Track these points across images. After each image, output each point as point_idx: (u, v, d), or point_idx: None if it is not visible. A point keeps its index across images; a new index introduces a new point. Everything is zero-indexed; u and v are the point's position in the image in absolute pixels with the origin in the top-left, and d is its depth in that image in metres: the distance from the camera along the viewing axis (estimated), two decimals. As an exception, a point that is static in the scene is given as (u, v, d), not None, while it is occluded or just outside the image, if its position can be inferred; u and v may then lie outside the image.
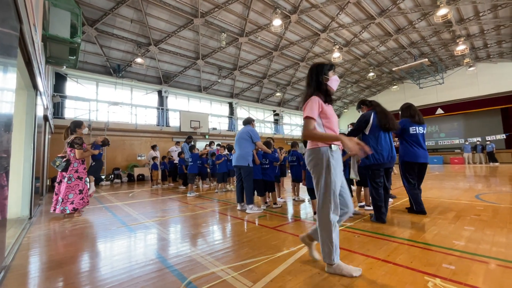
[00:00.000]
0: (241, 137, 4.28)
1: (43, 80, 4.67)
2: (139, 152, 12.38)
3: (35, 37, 3.08)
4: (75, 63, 6.24)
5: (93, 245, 2.72)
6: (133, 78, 12.72)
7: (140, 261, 2.22)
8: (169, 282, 1.81)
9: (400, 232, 2.79)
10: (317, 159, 1.86)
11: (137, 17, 9.82)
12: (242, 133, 4.31)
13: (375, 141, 3.18)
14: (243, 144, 4.23)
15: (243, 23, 11.14)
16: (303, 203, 4.84)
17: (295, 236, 2.79)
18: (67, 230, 3.36)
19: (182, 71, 13.46)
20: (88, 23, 9.37)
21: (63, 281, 1.88)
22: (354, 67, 16.66)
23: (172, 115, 14.19)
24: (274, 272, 1.89)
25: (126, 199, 6.04)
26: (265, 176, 4.42)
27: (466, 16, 11.06)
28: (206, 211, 4.34)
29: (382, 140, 3.18)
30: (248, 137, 4.22)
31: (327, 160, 1.83)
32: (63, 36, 4.84)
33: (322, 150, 1.85)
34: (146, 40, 11.01)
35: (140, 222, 3.67)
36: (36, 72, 3.65)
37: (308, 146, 1.97)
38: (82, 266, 2.19)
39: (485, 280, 1.68)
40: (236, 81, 15.85)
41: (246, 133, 4.25)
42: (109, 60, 11.53)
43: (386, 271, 1.86)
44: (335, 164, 1.85)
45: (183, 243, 2.68)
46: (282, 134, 19.63)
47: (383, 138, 3.20)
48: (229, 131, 16.48)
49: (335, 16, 11.01)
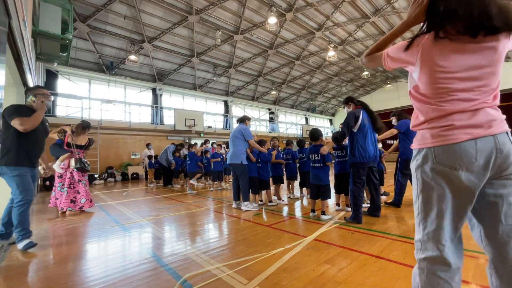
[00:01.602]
0: (234, 135, 4.32)
1: (33, 77, 4.57)
2: (133, 150, 12.25)
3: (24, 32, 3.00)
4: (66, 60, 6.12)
5: (86, 245, 2.69)
6: (127, 76, 12.53)
7: (134, 260, 2.20)
8: (164, 280, 1.80)
9: (394, 229, 2.83)
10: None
11: (131, 13, 9.66)
12: (235, 131, 4.35)
13: (363, 139, 3.20)
14: (236, 142, 4.27)
15: (238, 21, 11.08)
16: (298, 201, 4.87)
17: (290, 233, 2.80)
18: (59, 229, 3.30)
19: (176, 69, 13.32)
20: (80, 19, 9.18)
21: (55, 282, 1.85)
22: (348, 66, 16.76)
23: (167, 113, 14.05)
24: (269, 270, 1.90)
25: (120, 198, 5.98)
26: (259, 174, 4.43)
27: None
28: (201, 210, 4.32)
29: (369, 139, 3.22)
30: (241, 136, 4.25)
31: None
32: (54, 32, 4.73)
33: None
34: (139, 37, 10.85)
35: (134, 221, 3.63)
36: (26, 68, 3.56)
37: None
38: (75, 266, 2.16)
39: (475, 274, 1.72)
40: (231, 79, 15.78)
41: (239, 132, 4.30)
42: (102, 57, 11.33)
43: (379, 267, 1.89)
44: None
45: (178, 242, 2.67)
46: (277, 132, 19.67)
47: (370, 138, 3.24)
48: (224, 129, 16.42)
49: (330, 15, 11.04)
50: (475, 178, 0.90)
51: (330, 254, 2.15)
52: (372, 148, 3.20)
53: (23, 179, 2.50)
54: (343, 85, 19.78)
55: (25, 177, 2.52)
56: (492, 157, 0.89)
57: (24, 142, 2.53)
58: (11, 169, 2.44)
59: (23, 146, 2.52)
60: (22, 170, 2.49)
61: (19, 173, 2.47)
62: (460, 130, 0.91)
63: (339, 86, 20.00)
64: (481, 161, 0.89)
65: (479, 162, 0.89)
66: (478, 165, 0.89)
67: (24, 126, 2.43)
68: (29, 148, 2.57)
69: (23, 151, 2.51)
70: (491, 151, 0.88)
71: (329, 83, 19.16)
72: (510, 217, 0.90)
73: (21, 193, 2.47)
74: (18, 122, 2.41)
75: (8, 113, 2.44)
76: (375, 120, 3.29)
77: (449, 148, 0.93)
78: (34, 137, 2.62)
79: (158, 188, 7.95)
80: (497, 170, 0.90)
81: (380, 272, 1.80)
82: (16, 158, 2.47)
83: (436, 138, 0.96)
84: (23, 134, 2.48)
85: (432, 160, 0.96)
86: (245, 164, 4.18)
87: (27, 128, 2.45)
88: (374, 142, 3.27)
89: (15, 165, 2.46)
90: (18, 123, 2.40)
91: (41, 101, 2.60)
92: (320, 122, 25.13)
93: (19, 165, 2.48)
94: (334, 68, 16.90)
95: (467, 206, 0.93)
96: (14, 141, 2.48)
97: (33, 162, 2.62)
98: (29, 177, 2.56)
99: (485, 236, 0.96)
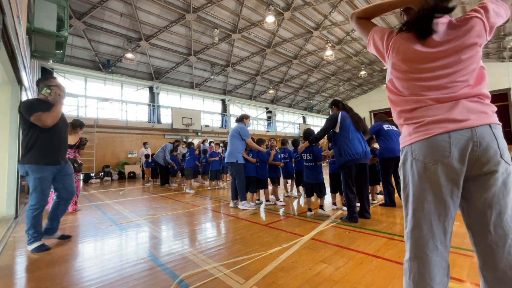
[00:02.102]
0: (232, 134, 4.35)
1: (28, 74, 4.51)
2: (129, 149, 12.17)
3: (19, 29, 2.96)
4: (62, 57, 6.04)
5: (82, 244, 2.67)
6: (123, 74, 12.43)
7: (131, 260, 2.19)
8: (161, 280, 1.79)
9: (389, 227, 2.86)
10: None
11: (127, 11, 9.57)
12: (233, 130, 4.39)
13: (348, 137, 3.22)
14: (233, 141, 4.30)
15: (236, 19, 11.04)
16: (296, 199, 4.88)
17: (287, 232, 2.81)
18: (55, 229, 3.27)
19: (174, 67, 13.25)
20: (76, 16, 9.07)
21: (51, 282, 1.84)
22: (346, 65, 16.81)
23: (164, 112, 13.98)
24: (266, 269, 1.90)
25: (116, 197, 5.94)
26: (258, 173, 4.43)
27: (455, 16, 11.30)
28: (198, 209, 4.32)
29: (354, 137, 3.20)
30: (238, 135, 4.27)
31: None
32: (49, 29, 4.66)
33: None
34: (136, 35, 10.76)
35: (131, 220, 3.62)
36: (21, 66, 3.51)
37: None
38: (71, 266, 2.14)
39: (469, 273, 1.74)
40: (229, 78, 15.73)
41: (236, 131, 4.32)
42: (98, 55, 11.22)
43: (375, 265, 1.90)
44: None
45: (175, 241, 2.66)
46: (274, 132, 19.68)
47: (355, 135, 3.22)
48: (222, 128, 16.39)
49: (328, 14, 11.05)
50: (452, 171, 0.88)
51: (327, 253, 2.17)
52: (359, 145, 3.18)
53: (43, 183, 2.39)
54: (341, 84, 19.84)
55: (46, 181, 2.41)
56: (468, 150, 0.86)
57: (46, 138, 2.39)
58: (34, 169, 2.34)
59: (46, 143, 2.40)
60: (45, 172, 2.38)
61: (41, 175, 2.36)
62: (434, 125, 0.91)
63: (336, 86, 20.06)
64: (456, 154, 0.87)
65: (453, 156, 0.87)
66: (453, 158, 0.87)
67: (45, 122, 2.29)
68: (52, 143, 2.45)
69: (46, 148, 2.39)
70: (467, 144, 0.86)
71: (327, 82, 19.20)
72: (499, 227, 0.86)
73: (37, 197, 2.37)
74: (38, 118, 2.27)
75: (25, 109, 2.31)
76: (357, 122, 3.25)
77: (423, 143, 0.92)
78: (56, 131, 2.47)
79: (155, 187, 7.92)
80: (477, 164, 0.88)
81: (376, 271, 1.82)
82: (40, 156, 2.36)
83: (413, 135, 0.97)
84: (44, 130, 2.35)
85: (411, 158, 0.97)
86: (240, 163, 4.19)
87: (48, 124, 2.32)
88: (362, 140, 3.25)
89: (39, 163, 2.35)
90: (38, 119, 2.27)
91: (58, 94, 2.46)
92: (318, 121, 25.20)
93: (44, 163, 2.37)
94: (332, 68, 16.93)
95: (448, 202, 0.91)
96: (36, 138, 2.36)
97: (58, 158, 2.50)
98: (49, 181, 2.46)
99: (474, 244, 0.94)
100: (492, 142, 0.86)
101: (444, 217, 0.92)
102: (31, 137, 2.37)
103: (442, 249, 0.92)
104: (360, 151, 3.16)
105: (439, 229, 0.92)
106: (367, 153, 3.23)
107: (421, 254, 0.93)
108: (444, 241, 0.93)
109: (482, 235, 0.90)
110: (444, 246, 0.93)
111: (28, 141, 2.37)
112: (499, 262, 0.86)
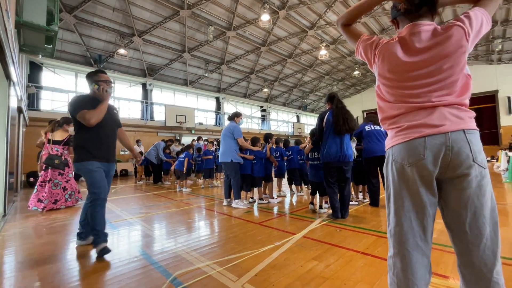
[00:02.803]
0: (225, 133, 4.33)
1: (17, 69, 4.39)
2: (122, 146, 11.99)
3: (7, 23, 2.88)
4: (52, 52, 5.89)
5: (74, 243, 2.64)
6: (116, 70, 12.20)
7: (123, 258, 2.19)
8: (154, 278, 1.80)
9: (379, 226, 2.93)
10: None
11: (120, 5, 9.38)
12: (226, 129, 4.36)
13: (326, 140, 3.28)
14: (226, 140, 4.28)
15: (231, 17, 10.97)
16: (286, 198, 4.93)
17: (279, 231, 2.85)
18: (44, 227, 3.23)
19: (167, 64, 13.09)
20: (66, 10, 8.83)
21: (41, 281, 1.82)
22: (340, 65, 16.94)
23: (157, 109, 13.81)
24: (259, 267, 1.93)
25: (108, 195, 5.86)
26: (252, 171, 4.45)
27: (446, 19, 11.54)
28: (191, 207, 4.32)
29: (331, 140, 3.22)
30: (230, 134, 4.25)
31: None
32: (39, 23, 4.54)
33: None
34: (129, 30, 10.57)
35: (123, 218, 3.59)
36: (9, 60, 3.43)
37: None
38: (61, 265, 2.12)
39: (453, 269, 1.81)
40: (223, 76, 15.65)
41: (229, 130, 4.31)
42: (90, 50, 10.98)
43: (365, 263, 1.96)
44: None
45: (168, 240, 2.67)
46: (268, 130, 19.72)
47: (333, 138, 3.23)
48: (216, 126, 16.32)
49: (323, 14, 11.10)
50: (426, 172, 0.95)
51: (318, 251, 2.21)
52: (334, 148, 3.19)
53: (94, 175, 2.31)
54: (335, 84, 20.00)
55: (96, 172, 2.33)
56: (441, 153, 0.92)
57: (92, 136, 2.34)
58: (82, 165, 2.30)
59: (92, 141, 2.34)
60: (93, 165, 2.31)
61: (90, 168, 2.30)
62: (412, 129, 0.98)
63: (330, 85, 20.21)
64: (430, 157, 0.94)
65: (427, 159, 0.94)
66: (426, 161, 0.94)
67: (89, 120, 2.23)
68: (98, 141, 2.37)
69: (92, 146, 2.33)
70: (440, 148, 0.92)
71: (321, 81, 19.33)
72: (475, 227, 0.91)
73: (91, 189, 2.31)
74: (82, 116, 2.22)
75: (72, 107, 2.27)
76: (337, 124, 3.19)
77: (402, 146, 1.00)
78: (102, 129, 2.39)
79: (147, 185, 7.85)
80: (450, 167, 0.93)
81: (365, 268, 1.87)
82: (86, 154, 2.31)
83: (393, 138, 1.05)
84: (90, 128, 2.29)
85: (391, 159, 1.05)
86: (235, 162, 4.19)
87: (92, 122, 2.25)
88: (341, 143, 3.20)
89: (86, 160, 2.30)
90: (83, 117, 2.23)
91: (105, 90, 2.38)
92: (311, 120, 25.37)
93: (90, 160, 2.31)
94: (326, 67, 17.04)
95: (425, 201, 0.96)
96: (83, 136, 2.32)
97: (105, 157, 2.42)
98: (101, 172, 2.37)
99: (452, 242, 1.00)
100: (465, 147, 0.91)
101: (422, 215, 0.98)
102: (78, 135, 2.36)
103: (423, 246, 0.98)
104: (333, 155, 3.18)
105: (418, 226, 0.98)
106: (346, 156, 3.20)
107: (403, 251, 0.98)
108: (425, 238, 0.98)
109: (459, 235, 0.95)
110: (425, 243, 0.98)
111: (76, 139, 2.36)
112: (475, 260, 0.91)
